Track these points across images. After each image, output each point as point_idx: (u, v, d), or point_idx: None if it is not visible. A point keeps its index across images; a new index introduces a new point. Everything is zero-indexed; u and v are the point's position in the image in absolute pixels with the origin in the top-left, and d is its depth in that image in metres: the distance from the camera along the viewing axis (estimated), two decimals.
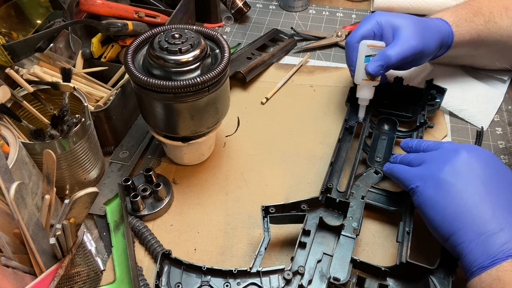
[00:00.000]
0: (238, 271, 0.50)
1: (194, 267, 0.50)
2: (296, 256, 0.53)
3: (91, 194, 0.44)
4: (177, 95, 0.54)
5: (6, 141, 0.51)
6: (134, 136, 0.72)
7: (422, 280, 0.50)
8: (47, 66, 0.66)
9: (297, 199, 0.57)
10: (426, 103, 0.71)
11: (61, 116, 0.58)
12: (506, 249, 0.44)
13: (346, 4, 1.03)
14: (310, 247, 0.54)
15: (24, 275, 0.44)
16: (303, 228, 0.54)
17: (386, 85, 0.73)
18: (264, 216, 0.55)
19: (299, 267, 0.51)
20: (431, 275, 0.49)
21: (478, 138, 0.71)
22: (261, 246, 0.52)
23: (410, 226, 0.54)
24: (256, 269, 0.50)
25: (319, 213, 0.58)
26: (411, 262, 0.50)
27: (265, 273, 0.50)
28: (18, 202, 0.42)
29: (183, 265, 0.51)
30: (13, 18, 0.69)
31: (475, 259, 0.45)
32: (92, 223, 0.61)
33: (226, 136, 0.73)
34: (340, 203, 0.57)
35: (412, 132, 0.69)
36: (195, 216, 0.62)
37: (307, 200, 0.57)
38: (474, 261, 0.45)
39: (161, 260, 0.50)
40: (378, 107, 0.73)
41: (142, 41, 0.58)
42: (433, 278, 0.49)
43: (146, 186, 0.62)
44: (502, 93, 0.78)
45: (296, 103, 0.78)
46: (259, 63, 0.83)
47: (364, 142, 0.66)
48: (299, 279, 0.50)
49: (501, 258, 0.44)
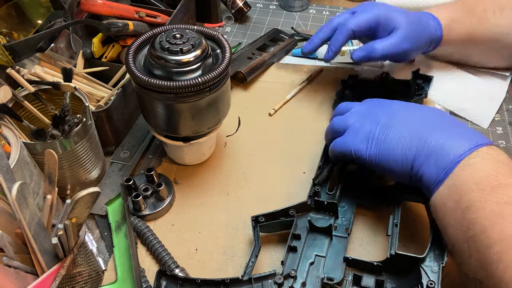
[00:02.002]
0: (231, 280, 0.50)
1: (189, 280, 0.51)
2: (288, 260, 0.53)
3: (93, 194, 0.44)
4: (178, 95, 0.54)
5: (8, 141, 0.51)
6: (135, 136, 0.72)
7: (414, 270, 0.50)
8: (48, 66, 0.66)
9: (297, 201, 0.57)
10: (414, 93, 0.72)
11: (62, 116, 0.58)
12: (453, 157, 0.48)
13: (347, 4, 1.03)
14: (302, 250, 0.54)
15: (26, 275, 0.44)
16: (293, 233, 0.54)
17: (374, 81, 0.74)
18: (254, 226, 0.55)
19: (290, 271, 0.51)
20: (422, 264, 0.50)
21: None
22: (252, 255, 0.53)
23: (398, 219, 0.54)
24: (248, 276, 0.50)
25: (309, 216, 0.57)
26: (400, 253, 0.50)
27: (257, 280, 0.50)
28: (20, 202, 0.42)
29: (179, 280, 0.51)
30: (14, 18, 0.69)
31: (431, 178, 0.49)
32: (93, 223, 0.61)
33: (227, 136, 0.73)
34: (328, 205, 0.57)
35: None
36: (197, 216, 0.62)
37: (295, 205, 0.57)
38: (431, 180, 0.49)
39: (158, 278, 0.50)
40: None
41: (143, 41, 0.58)
42: (423, 267, 0.49)
43: (148, 186, 0.62)
44: (503, 89, 0.77)
45: (296, 103, 0.78)
46: (259, 63, 0.83)
47: None
48: (291, 282, 0.50)
49: (452, 166, 0.47)
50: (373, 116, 0.56)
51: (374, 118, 0.55)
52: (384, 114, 0.55)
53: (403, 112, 0.55)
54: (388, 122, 0.54)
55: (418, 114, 0.54)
